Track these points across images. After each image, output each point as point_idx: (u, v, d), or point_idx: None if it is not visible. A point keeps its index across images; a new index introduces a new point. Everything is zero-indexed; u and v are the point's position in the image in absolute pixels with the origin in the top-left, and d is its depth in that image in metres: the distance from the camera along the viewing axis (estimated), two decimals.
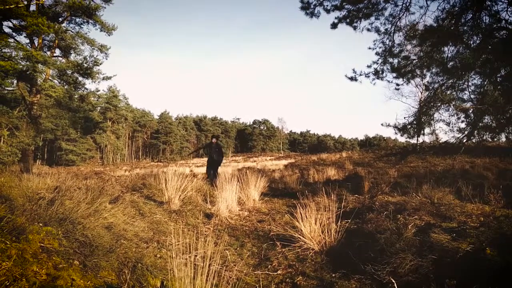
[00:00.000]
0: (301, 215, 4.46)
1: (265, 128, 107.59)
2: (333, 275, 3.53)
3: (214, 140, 11.27)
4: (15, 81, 24.92)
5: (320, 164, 24.54)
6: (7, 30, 23.45)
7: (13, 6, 10.38)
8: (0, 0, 8.53)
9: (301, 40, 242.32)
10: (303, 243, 4.32)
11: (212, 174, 10.75)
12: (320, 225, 4.33)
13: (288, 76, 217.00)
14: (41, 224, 3.63)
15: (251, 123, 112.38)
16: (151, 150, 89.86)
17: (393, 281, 2.96)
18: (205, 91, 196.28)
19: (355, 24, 11.55)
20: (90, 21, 25.26)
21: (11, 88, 28.21)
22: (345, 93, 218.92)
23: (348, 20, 11.49)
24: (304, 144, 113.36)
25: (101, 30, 25.66)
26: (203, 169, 29.58)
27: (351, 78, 12.02)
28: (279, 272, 3.77)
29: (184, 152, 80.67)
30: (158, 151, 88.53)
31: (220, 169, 11.22)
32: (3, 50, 22.43)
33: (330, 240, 4.23)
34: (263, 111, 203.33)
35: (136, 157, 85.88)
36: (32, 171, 17.31)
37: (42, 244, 3.27)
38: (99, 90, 34.94)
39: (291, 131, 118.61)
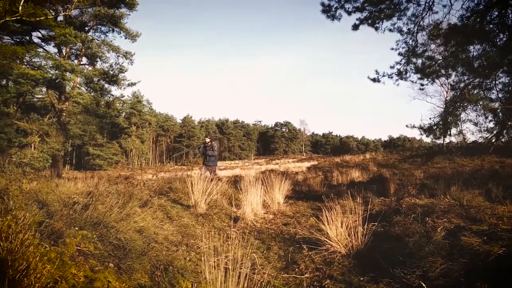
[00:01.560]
0: (326, 218, 4.48)
1: (286, 130, 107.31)
2: (361, 278, 3.54)
3: (208, 140, 11.16)
4: (44, 89, 25.77)
5: (343, 166, 24.35)
6: (36, 40, 24.33)
7: (43, 18, 10.77)
8: (30, 13, 8.83)
9: (322, 41, 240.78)
10: (329, 246, 4.34)
11: (205, 170, 10.65)
12: (347, 228, 4.34)
13: (309, 77, 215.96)
14: (77, 228, 3.79)
15: (273, 125, 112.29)
16: (174, 154, 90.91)
17: (424, 285, 2.96)
18: (227, 94, 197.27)
19: (376, 25, 11.50)
20: (115, 29, 25.93)
21: (40, 96, 29.20)
22: (367, 93, 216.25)
23: (369, 21, 11.44)
24: (327, 146, 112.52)
25: (125, 38, 26.26)
26: (227, 172, 29.80)
27: (374, 80, 11.95)
28: (306, 275, 3.80)
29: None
30: (181, 154, 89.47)
31: (214, 170, 11.06)
32: (33, 60, 23.27)
33: (357, 243, 4.24)
34: (285, 113, 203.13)
35: (160, 161, 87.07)
36: (62, 176, 17.83)
37: (79, 248, 3.41)
38: (123, 96, 35.86)
39: (313, 133, 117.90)
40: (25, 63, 23.30)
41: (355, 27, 11.55)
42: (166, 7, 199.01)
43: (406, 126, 11.62)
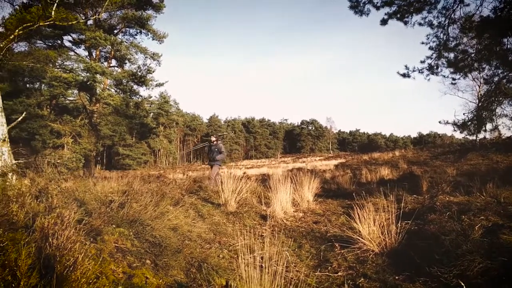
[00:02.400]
0: (358, 216, 4.45)
1: (313, 128, 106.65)
2: (397, 277, 3.50)
3: (214, 139, 10.88)
4: (76, 91, 26.54)
5: (372, 163, 24.00)
6: (67, 44, 25.07)
7: (75, 22, 11.10)
8: (62, 18, 9.10)
9: (348, 38, 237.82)
10: (362, 244, 4.31)
11: (212, 176, 10.44)
12: (379, 226, 4.30)
13: (335, 75, 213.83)
14: (114, 226, 3.90)
15: (299, 123, 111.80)
16: (201, 153, 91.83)
17: (462, 284, 2.90)
18: (253, 93, 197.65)
19: (406, 19, 11.28)
20: (143, 31, 26.39)
21: (72, 98, 30.07)
22: (395, 90, 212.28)
23: (398, 16, 11.24)
24: (354, 144, 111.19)
25: (153, 39, 26.74)
26: (254, 171, 29.89)
27: (404, 75, 11.73)
28: (339, 273, 3.79)
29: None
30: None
31: (217, 171, 10.70)
32: (65, 63, 24.00)
33: (391, 242, 4.19)
34: (311, 111, 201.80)
35: (187, 160, 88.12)
36: (95, 176, 18.33)
37: (117, 244, 3.51)
38: (151, 97, 36.55)
39: (339, 131, 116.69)
40: (58, 67, 24.06)
41: (384, 22, 11.37)
42: (191, 8, 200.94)
43: (439, 122, 11.39)
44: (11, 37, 8.24)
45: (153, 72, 25.38)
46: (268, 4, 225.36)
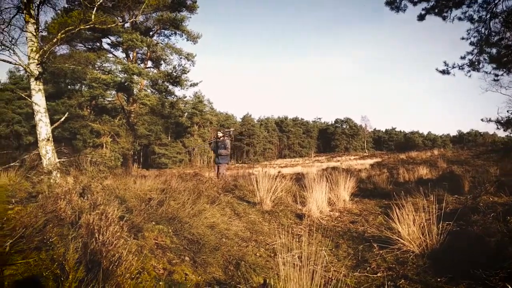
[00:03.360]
0: (397, 216, 4.35)
1: (347, 127, 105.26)
2: (438, 279, 3.40)
3: (220, 135, 10.65)
4: (114, 92, 27.34)
5: (409, 162, 23.37)
6: (106, 46, 25.86)
7: (113, 25, 11.43)
8: (101, 21, 9.39)
9: (383, 35, 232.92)
10: (401, 245, 4.21)
11: (219, 173, 10.32)
12: (419, 226, 4.18)
13: (370, 72, 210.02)
14: (153, 223, 3.99)
15: (333, 122, 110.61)
16: (235, 152, 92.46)
17: (510, 287, 2.78)
18: (285, 92, 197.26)
19: (444, 14, 10.93)
20: (177, 32, 26.82)
21: (110, 99, 30.99)
22: (432, 87, 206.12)
23: (436, 11, 10.91)
24: (390, 142, 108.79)
25: (187, 40, 27.16)
26: (288, 170, 29.81)
27: (443, 72, 11.39)
28: (379, 274, 3.71)
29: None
30: (242, 152, 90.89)
31: (226, 168, 10.63)
32: (104, 65, 24.76)
33: (432, 243, 4.07)
34: (345, 110, 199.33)
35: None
36: (132, 174, 18.82)
37: (157, 241, 3.59)
38: (186, 97, 37.15)
39: (375, 129, 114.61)
40: (97, 68, 24.84)
41: (421, 17, 11.06)
42: (224, 8, 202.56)
43: (482, 120, 10.97)
44: (54, 41, 8.56)
45: (188, 72, 25.80)
46: (302, 2, 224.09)
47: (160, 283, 2.81)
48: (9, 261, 2.44)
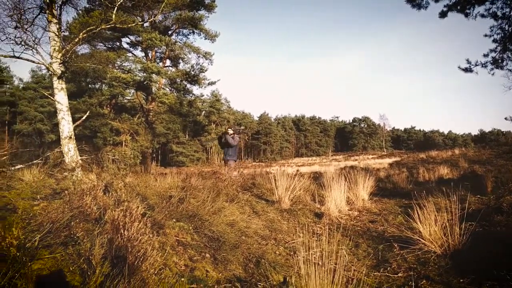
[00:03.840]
0: (418, 215, 4.30)
1: (365, 125, 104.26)
2: (461, 280, 3.34)
3: (231, 132, 10.20)
4: (133, 91, 27.69)
5: (429, 162, 23.02)
6: (125, 46, 26.20)
7: (133, 24, 11.58)
8: (121, 21, 9.54)
9: (400, 32, 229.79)
10: (423, 245, 4.15)
11: (233, 172, 9.57)
12: (441, 226, 4.13)
13: (388, 70, 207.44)
14: (174, 220, 4.04)
15: (351, 121, 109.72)
16: (252, 151, 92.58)
17: None
18: (303, 90, 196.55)
19: (467, 11, 10.70)
20: (196, 30, 26.95)
21: (129, 97, 31.42)
22: (453, 85, 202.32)
23: (459, 7, 10.70)
24: (409, 141, 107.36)
25: (205, 38, 27.25)
26: (305, 169, 29.70)
27: (465, 70, 11.16)
28: (399, 274, 3.68)
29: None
30: (259, 151, 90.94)
31: (234, 166, 10.08)
32: (124, 64, 25.10)
33: (454, 243, 4.01)
34: (363, 109, 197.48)
35: (238, 158, 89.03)
36: (151, 172, 19.05)
37: (178, 238, 3.64)
38: (203, 95, 37.27)
39: (393, 128, 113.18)
40: (117, 67, 25.19)
41: (443, 14, 10.86)
42: (242, 6, 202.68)
43: (505, 119, 10.73)
44: (76, 40, 8.72)
45: (206, 71, 25.90)
46: (318, 3, 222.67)
47: (182, 279, 2.85)
48: (37, 255, 2.51)
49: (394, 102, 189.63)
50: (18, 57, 7.91)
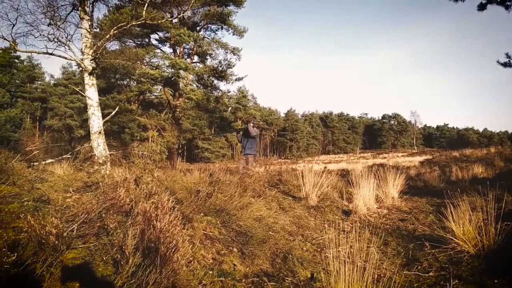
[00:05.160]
0: (451, 214, 4.18)
1: (395, 122, 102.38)
2: (495, 281, 3.23)
3: (251, 125, 9.51)
4: (161, 87, 28.05)
5: (463, 160, 22.36)
6: (154, 42, 26.55)
7: (163, 21, 11.72)
8: (151, 17, 9.67)
9: (433, 28, 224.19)
10: (455, 245, 4.04)
11: (244, 162, 9.39)
12: (476, 226, 4.00)
13: (420, 66, 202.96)
14: (202, 214, 4.07)
15: (380, 118, 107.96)
16: (278, 147, 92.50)
17: None
18: (331, 87, 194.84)
19: (508, 3, 10.28)
20: (224, 26, 27.00)
21: (157, 94, 31.85)
22: (489, 81, 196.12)
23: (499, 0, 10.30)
24: (441, 139, 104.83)
25: (233, 34, 27.25)
26: (332, 166, 29.46)
27: (505, 64, 10.75)
28: (430, 274, 3.59)
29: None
30: (285, 148, 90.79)
31: (254, 161, 9.63)
32: (152, 60, 25.46)
33: (489, 243, 3.87)
34: (393, 105, 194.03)
35: (264, 155, 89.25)
36: (177, 167, 19.31)
37: (205, 232, 3.66)
38: (230, 91, 37.31)
39: (425, 125, 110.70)
40: (145, 64, 25.56)
41: (482, 7, 10.49)
42: (271, 3, 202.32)
43: None
44: (107, 37, 8.89)
45: (233, 66, 25.90)
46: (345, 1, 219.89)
47: (211, 272, 2.87)
48: (72, 245, 2.57)
49: (426, 99, 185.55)
50: (51, 54, 8.15)
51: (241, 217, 4.33)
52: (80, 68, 8.61)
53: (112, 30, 8.91)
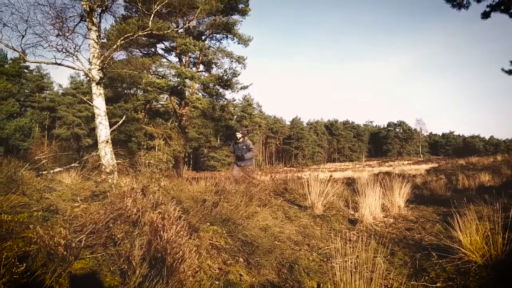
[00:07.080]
0: (458, 224, 4.16)
1: (401, 130, 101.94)
2: None
3: (239, 136, 9.08)
4: (167, 96, 28.23)
5: (469, 168, 22.20)
6: (160, 51, 26.78)
7: (169, 31, 11.86)
8: (157, 27, 9.77)
9: (438, 34, 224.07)
10: (463, 255, 4.01)
11: (238, 170, 8.81)
12: (483, 235, 3.97)
13: (425, 74, 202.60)
14: (208, 224, 4.09)
15: (385, 125, 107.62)
16: (283, 156, 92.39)
17: None
18: (336, 95, 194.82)
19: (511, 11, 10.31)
20: (229, 35, 27.22)
21: (163, 102, 32.03)
22: (495, 88, 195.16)
23: (502, 7, 10.31)
24: (447, 147, 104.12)
25: (238, 43, 27.47)
26: (338, 174, 29.35)
27: (510, 72, 10.73)
28: (438, 284, 3.57)
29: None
30: (290, 156, 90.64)
31: (251, 170, 8.76)
32: (158, 70, 25.66)
33: (496, 253, 3.85)
34: (399, 113, 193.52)
35: (269, 163, 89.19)
36: (183, 176, 19.35)
37: (211, 242, 3.67)
38: (235, 100, 37.30)
39: (431, 133, 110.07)
40: (152, 73, 25.75)
41: (485, 15, 10.50)
42: (275, 10, 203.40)
43: None
44: (114, 47, 9.00)
45: (238, 75, 26.04)
46: (350, 8, 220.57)
47: (217, 282, 2.87)
48: (80, 255, 2.60)
49: (431, 106, 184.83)
50: (60, 64, 8.26)
51: (247, 226, 4.33)
52: (88, 78, 8.71)
53: (119, 40, 9.02)
